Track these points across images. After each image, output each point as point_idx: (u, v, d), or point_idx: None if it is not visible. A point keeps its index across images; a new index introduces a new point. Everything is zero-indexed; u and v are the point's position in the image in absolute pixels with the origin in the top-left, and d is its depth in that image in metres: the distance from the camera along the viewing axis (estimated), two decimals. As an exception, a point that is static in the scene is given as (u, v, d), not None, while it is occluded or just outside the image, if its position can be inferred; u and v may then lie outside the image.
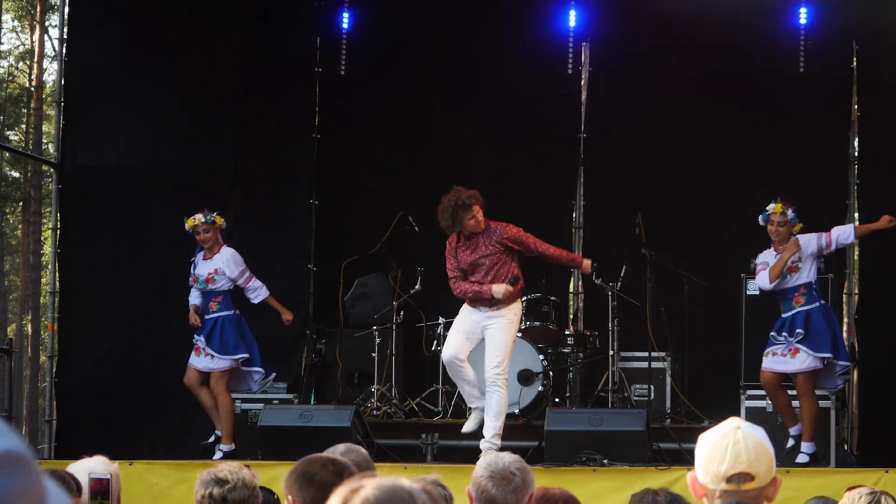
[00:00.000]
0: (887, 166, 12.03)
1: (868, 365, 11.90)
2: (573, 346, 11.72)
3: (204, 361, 10.68)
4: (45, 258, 28.42)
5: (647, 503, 4.20)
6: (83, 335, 12.62)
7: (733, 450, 3.24)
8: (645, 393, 11.44)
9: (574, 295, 13.12)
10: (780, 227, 9.98)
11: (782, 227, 9.99)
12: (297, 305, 12.69)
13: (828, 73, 12.35)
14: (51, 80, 30.90)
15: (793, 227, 10.05)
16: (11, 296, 34.91)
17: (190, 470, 9.38)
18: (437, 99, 12.86)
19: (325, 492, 4.06)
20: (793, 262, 9.96)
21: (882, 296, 11.87)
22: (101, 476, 4.56)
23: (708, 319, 11.88)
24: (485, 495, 4.17)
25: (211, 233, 10.77)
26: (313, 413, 10.14)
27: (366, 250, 11.95)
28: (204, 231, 10.75)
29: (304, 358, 12.40)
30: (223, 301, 10.78)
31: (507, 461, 4.25)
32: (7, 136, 32.52)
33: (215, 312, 10.76)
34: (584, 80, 13.04)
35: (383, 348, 11.78)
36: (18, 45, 34.57)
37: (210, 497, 4.44)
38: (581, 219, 12.98)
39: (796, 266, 9.97)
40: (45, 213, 28.82)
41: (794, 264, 9.97)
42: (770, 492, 3.29)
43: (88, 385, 12.31)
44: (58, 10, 17.26)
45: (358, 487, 1.98)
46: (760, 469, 3.24)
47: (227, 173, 12.74)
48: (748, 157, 12.30)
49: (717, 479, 3.24)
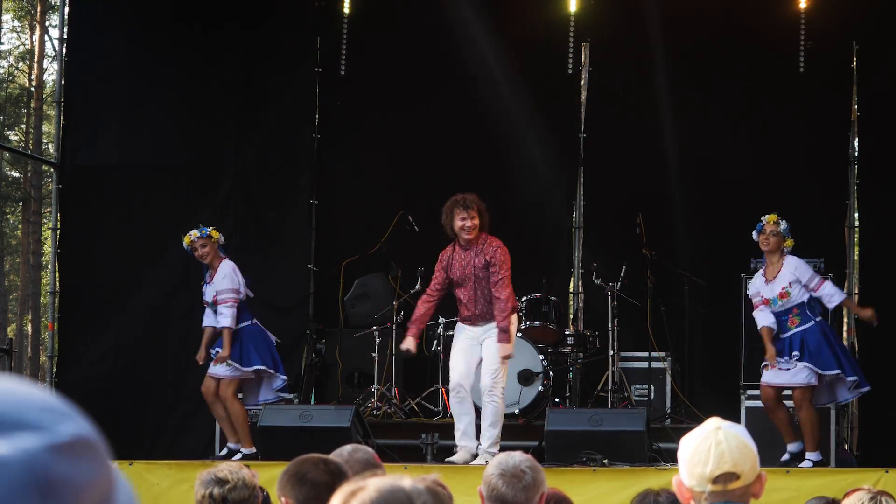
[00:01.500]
0: (887, 166, 12.03)
1: (868, 365, 11.89)
2: (573, 346, 11.72)
3: (217, 369, 10.53)
4: (45, 258, 28.41)
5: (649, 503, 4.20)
6: (83, 335, 12.61)
7: (716, 450, 3.24)
8: (645, 393, 11.44)
9: (574, 295, 13.12)
10: (772, 236, 9.96)
11: (774, 237, 9.96)
12: (297, 305, 12.72)
13: (828, 73, 12.35)
14: (51, 80, 30.90)
15: (785, 240, 10.01)
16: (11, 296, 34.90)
17: (190, 470, 9.38)
18: (437, 99, 12.85)
19: (318, 491, 4.06)
20: (783, 289, 9.95)
21: (882, 296, 11.86)
22: None
23: (708, 319, 11.88)
24: (495, 493, 4.17)
25: (208, 247, 10.45)
26: (313, 413, 10.13)
27: (366, 250, 11.94)
28: (201, 246, 10.44)
29: (304, 358, 12.40)
30: (238, 315, 10.63)
31: (518, 460, 4.25)
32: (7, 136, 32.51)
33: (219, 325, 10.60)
34: (584, 79, 13.04)
35: (383, 348, 11.78)
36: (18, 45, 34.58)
37: (210, 497, 4.44)
38: (581, 219, 12.98)
39: (787, 292, 9.94)
40: (45, 213, 28.81)
41: (784, 290, 9.94)
42: (756, 489, 3.30)
43: (88, 385, 12.30)
44: (58, 10, 17.26)
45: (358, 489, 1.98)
46: (745, 467, 3.25)
47: (227, 173, 12.74)
48: (748, 157, 12.29)
49: (703, 480, 3.25)
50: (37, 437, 1.11)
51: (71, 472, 1.12)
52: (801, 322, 9.95)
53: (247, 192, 12.71)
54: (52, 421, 1.13)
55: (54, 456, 1.11)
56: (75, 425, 1.14)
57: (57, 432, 1.12)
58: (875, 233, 12.20)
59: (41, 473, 1.10)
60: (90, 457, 1.14)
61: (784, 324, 9.97)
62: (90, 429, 1.16)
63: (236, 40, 12.77)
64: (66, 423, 1.14)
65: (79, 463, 1.13)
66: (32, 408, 1.13)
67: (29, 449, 1.10)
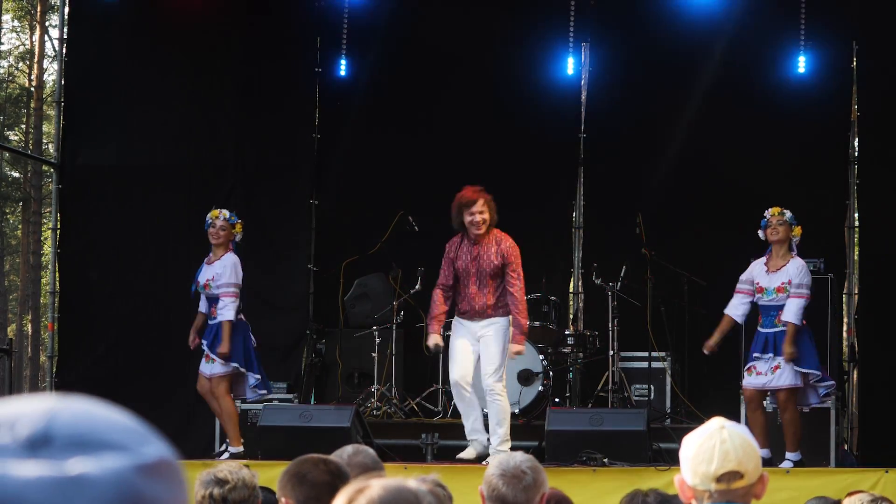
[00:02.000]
0: (887, 166, 12.03)
1: (868, 365, 11.90)
2: (573, 346, 11.72)
3: (207, 367, 10.55)
4: (45, 258, 28.42)
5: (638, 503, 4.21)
6: (83, 335, 12.62)
7: (721, 449, 3.25)
8: (645, 393, 11.44)
9: (574, 295, 13.12)
10: (779, 225, 9.93)
11: (781, 226, 9.94)
12: (297, 305, 12.71)
13: (828, 73, 12.35)
14: (51, 80, 30.92)
15: (792, 228, 10.00)
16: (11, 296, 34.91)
17: (190, 470, 9.35)
18: (437, 99, 12.85)
19: (318, 491, 4.06)
20: (782, 284, 9.92)
21: (882, 296, 11.87)
22: None
23: (708, 319, 11.87)
24: (496, 493, 4.18)
25: (226, 232, 10.42)
26: (313, 413, 10.13)
27: (366, 250, 11.94)
28: (221, 228, 10.39)
29: (304, 358, 12.40)
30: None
31: (519, 460, 4.25)
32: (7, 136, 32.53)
33: (216, 319, 10.63)
34: (584, 80, 13.04)
35: (383, 348, 11.78)
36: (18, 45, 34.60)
37: (210, 497, 4.44)
38: (581, 219, 12.98)
39: (784, 289, 9.91)
40: (45, 213, 28.82)
41: (783, 285, 9.92)
42: (758, 489, 3.30)
43: (88, 385, 12.29)
44: (58, 10, 17.26)
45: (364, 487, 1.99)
46: (749, 466, 3.25)
47: (227, 173, 12.74)
48: (748, 157, 12.29)
49: (707, 479, 3.25)
50: (124, 458, 1.12)
51: (156, 492, 1.13)
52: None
53: (247, 192, 12.70)
54: (137, 442, 1.15)
55: (141, 476, 1.12)
56: (158, 447, 1.16)
57: (142, 453, 1.14)
58: (875, 233, 12.19)
59: (129, 493, 1.11)
60: (172, 479, 1.16)
61: (772, 319, 9.92)
62: (171, 451, 1.18)
63: (236, 41, 12.76)
64: (150, 444, 1.16)
65: (163, 484, 1.14)
66: (116, 429, 1.15)
67: (117, 469, 1.11)
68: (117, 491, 1.10)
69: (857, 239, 12.80)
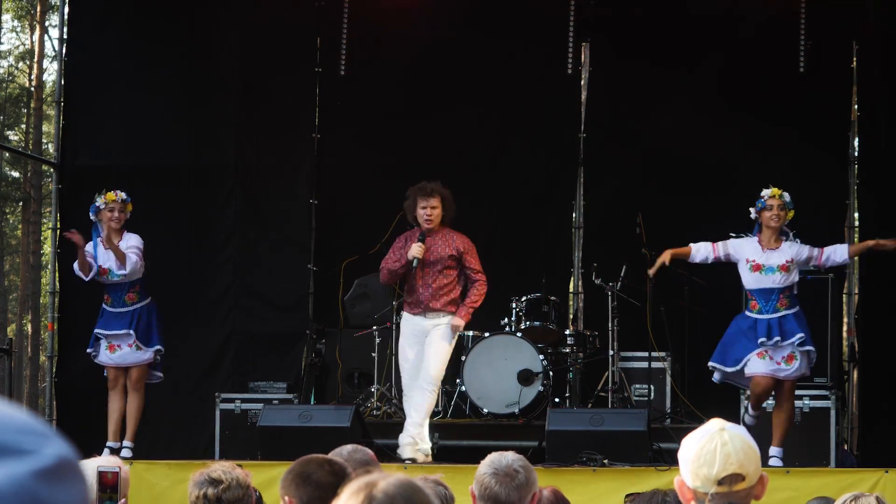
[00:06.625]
0: (887, 166, 12.03)
1: (868, 365, 11.90)
2: (573, 346, 11.72)
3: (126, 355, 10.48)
4: (45, 258, 28.42)
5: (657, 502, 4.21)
6: (83, 335, 12.60)
7: (722, 451, 3.24)
8: (645, 393, 11.44)
9: (574, 295, 13.12)
10: (780, 210, 9.86)
11: (782, 211, 9.88)
12: (297, 305, 12.71)
13: (828, 73, 12.35)
14: (51, 80, 30.91)
15: (789, 211, 9.95)
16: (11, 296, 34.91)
17: (189, 470, 9.34)
18: (437, 99, 12.85)
19: (322, 491, 4.06)
20: (787, 262, 9.84)
21: (882, 296, 11.86)
22: (109, 469, 4.44)
23: (708, 319, 11.87)
24: (488, 492, 4.18)
25: (124, 213, 10.45)
26: (313, 413, 10.13)
27: (366, 250, 11.94)
28: (120, 210, 10.41)
29: (304, 358, 12.40)
30: (140, 290, 10.64)
31: (511, 459, 4.26)
32: (7, 136, 32.53)
33: (135, 304, 10.55)
34: (584, 80, 13.04)
35: (383, 348, 11.78)
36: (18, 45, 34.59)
37: (205, 497, 4.44)
38: (581, 219, 12.98)
39: (788, 267, 9.85)
40: (45, 213, 28.82)
41: (787, 264, 9.85)
42: (758, 490, 3.30)
43: (88, 385, 12.29)
44: (58, 10, 17.25)
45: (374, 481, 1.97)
46: (750, 468, 3.26)
47: (227, 173, 12.74)
48: (748, 157, 12.29)
49: (709, 481, 3.25)
50: (22, 463, 1.07)
51: (57, 497, 1.08)
52: (789, 305, 9.86)
53: (247, 191, 12.71)
54: (36, 444, 1.09)
55: (41, 482, 1.07)
56: (57, 447, 1.11)
57: (41, 456, 1.09)
58: (875, 233, 12.18)
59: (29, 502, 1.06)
60: (73, 479, 1.11)
61: (773, 304, 9.83)
62: (70, 449, 1.12)
63: (236, 40, 12.76)
64: (49, 445, 1.10)
65: (63, 486, 1.09)
66: (12, 430, 1.09)
67: (16, 476, 1.06)
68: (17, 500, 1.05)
69: (857, 239, 12.80)
